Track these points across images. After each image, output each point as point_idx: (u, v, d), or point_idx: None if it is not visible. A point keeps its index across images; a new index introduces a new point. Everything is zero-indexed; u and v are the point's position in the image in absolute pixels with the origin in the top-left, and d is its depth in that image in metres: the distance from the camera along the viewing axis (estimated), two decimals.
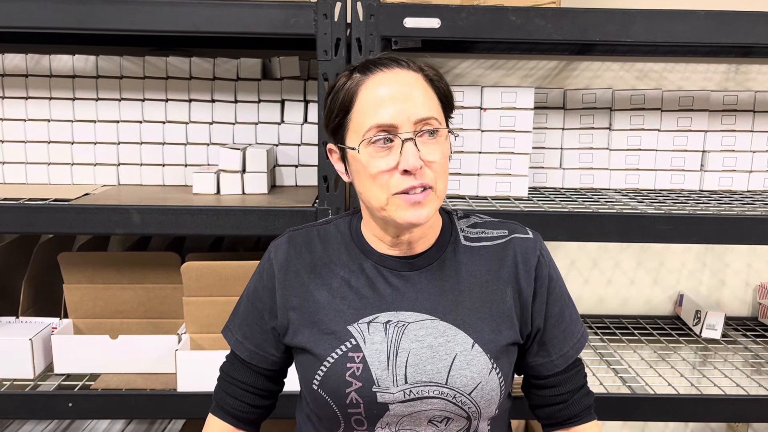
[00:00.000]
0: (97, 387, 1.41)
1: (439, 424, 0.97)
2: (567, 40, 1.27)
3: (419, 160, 0.91)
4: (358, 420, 0.97)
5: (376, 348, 0.96)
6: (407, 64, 0.96)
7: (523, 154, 1.49)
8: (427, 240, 1.01)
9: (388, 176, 0.92)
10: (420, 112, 0.92)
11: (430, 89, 0.96)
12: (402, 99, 0.93)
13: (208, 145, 1.58)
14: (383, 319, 0.98)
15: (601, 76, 1.85)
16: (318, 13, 1.24)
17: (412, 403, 0.95)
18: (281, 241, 1.07)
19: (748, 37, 1.28)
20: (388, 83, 0.94)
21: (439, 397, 0.95)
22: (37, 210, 1.30)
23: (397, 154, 0.92)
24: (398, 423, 0.97)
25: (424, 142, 0.93)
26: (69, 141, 1.56)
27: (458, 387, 0.95)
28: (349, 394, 0.95)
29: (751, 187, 1.66)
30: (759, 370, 1.61)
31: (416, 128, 0.92)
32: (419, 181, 0.92)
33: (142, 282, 1.50)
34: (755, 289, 1.99)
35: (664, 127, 1.64)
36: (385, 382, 0.95)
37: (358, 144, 0.94)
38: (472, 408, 0.97)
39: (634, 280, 1.98)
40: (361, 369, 0.95)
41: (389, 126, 0.92)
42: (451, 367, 0.95)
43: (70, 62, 1.55)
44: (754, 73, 1.85)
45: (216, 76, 1.57)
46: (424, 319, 0.98)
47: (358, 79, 0.96)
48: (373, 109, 0.93)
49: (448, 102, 0.99)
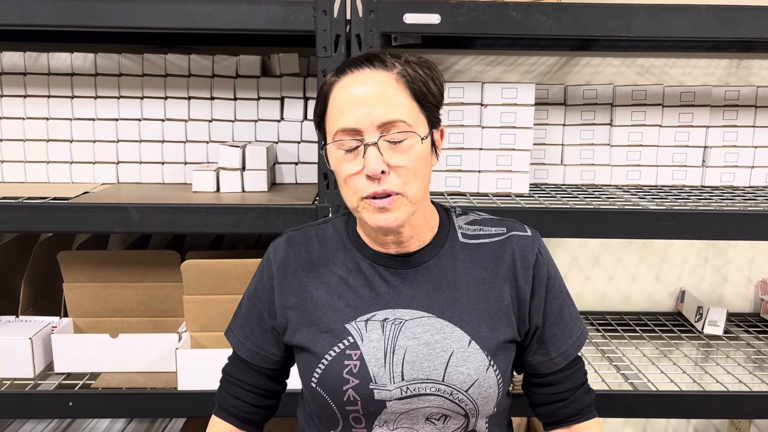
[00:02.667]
0: (97, 386, 1.41)
1: (437, 422, 0.97)
2: (568, 36, 1.26)
3: (381, 165, 0.91)
4: (356, 418, 0.97)
5: (373, 346, 0.96)
6: (382, 64, 0.94)
7: (524, 151, 1.49)
8: (421, 238, 1.01)
9: (357, 179, 0.93)
10: (384, 115, 0.91)
11: (402, 90, 0.93)
12: (366, 103, 0.92)
13: (207, 143, 1.58)
14: (380, 317, 0.98)
15: (602, 71, 1.84)
16: (317, 10, 1.23)
17: (409, 401, 0.95)
18: (280, 241, 1.07)
19: (750, 32, 1.27)
20: (356, 85, 0.93)
21: (436, 394, 0.95)
22: (36, 209, 1.30)
23: (362, 159, 0.92)
24: (396, 421, 0.96)
25: (389, 147, 0.92)
26: (68, 139, 1.56)
27: (455, 384, 0.95)
28: (346, 392, 0.95)
29: (753, 183, 1.65)
30: (761, 366, 1.61)
31: (381, 132, 0.92)
32: (382, 187, 0.91)
33: (142, 280, 1.49)
34: (757, 285, 1.98)
35: (666, 123, 1.63)
36: (382, 380, 0.95)
37: (326, 145, 0.96)
38: (470, 405, 0.96)
39: (636, 276, 1.97)
40: (359, 366, 0.95)
41: (352, 130, 0.92)
42: (447, 364, 0.95)
43: (69, 60, 1.54)
44: (756, 68, 1.85)
45: (215, 73, 1.56)
46: (421, 317, 0.98)
47: (331, 81, 0.96)
48: (339, 113, 0.93)
49: (427, 101, 0.96)
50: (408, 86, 0.94)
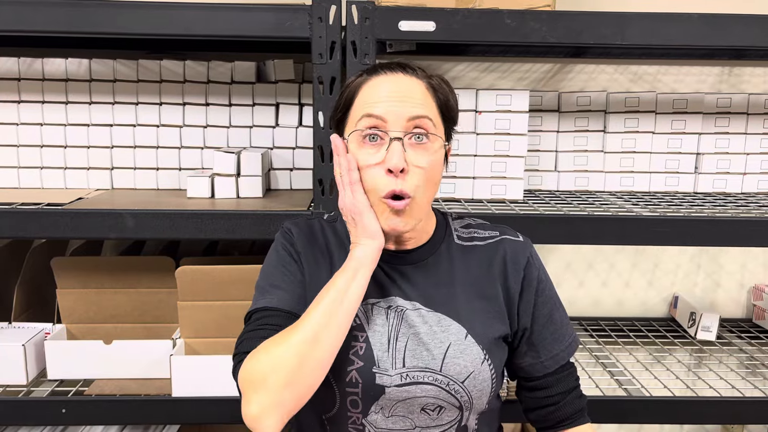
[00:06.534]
0: (90, 393, 1.40)
1: (432, 412, 0.98)
2: (562, 43, 1.27)
3: (403, 162, 0.92)
4: (354, 401, 0.98)
5: (378, 330, 0.99)
6: (413, 71, 0.98)
7: (519, 157, 1.49)
8: (418, 239, 1.04)
9: (375, 171, 0.94)
10: (413, 111, 0.94)
11: (430, 96, 0.98)
12: (396, 99, 0.95)
13: (202, 149, 1.58)
14: (385, 304, 1.01)
15: (595, 78, 1.85)
16: (313, 16, 1.23)
17: (407, 388, 0.97)
18: (288, 224, 1.08)
19: (742, 40, 1.29)
20: (388, 83, 0.97)
21: (433, 383, 0.97)
22: (30, 214, 1.29)
23: (384, 152, 0.93)
24: (392, 408, 0.98)
25: (412, 146, 0.94)
26: (62, 145, 1.55)
27: (452, 375, 0.97)
28: (350, 372, 0.97)
29: (744, 189, 1.67)
30: (754, 372, 1.61)
31: (407, 128, 0.94)
32: (399, 188, 0.93)
33: (136, 286, 1.49)
34: (749, 290, 1.99)
35: (659, 130, 1.64)
36: (385, 364, 0.97)
37: (349, 134, 0.97)
38: (465, 397, 0.98)
39: (629, 282, 1.98)
40: (364, 348, 0.98)
41: (378, 117, 0.94)
42: (445, 355, 0.97)
43: (63, 66, 1.54)
44: (747, 76, 1.86)
45: (210, 79, 1.56)
46: (421, 308, 1.00)
47: (361, 79, 0.99)
48: (367, 104, 0.96)
49: (449, 113, 1.00)
50: (434, 95, 0.98)
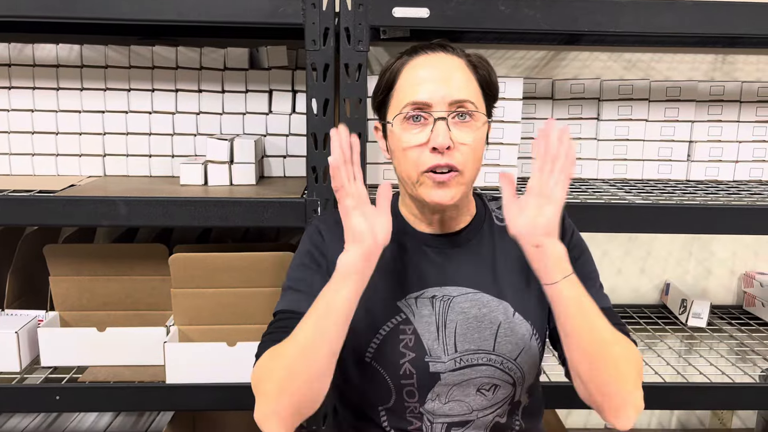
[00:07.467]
0: (84, 379, 1.40)
1: (487, 392, 1.00)
2: (556, 30, 1.27)
3: (448, 140, 0.94)
4: (410, 392, 1.00)
5: (425, 320, 1.00)
6: (453, 50, 0.99)
7: (512, 145, 1.49)
8: (462, 220, 1.05)
9: (419, 152, 0.95)
10: (456, 94, 0.95)
11: (471, 75, 0.98)
12: (440, 80, 0.96)
13: (195, 136, 1.57)
14: (429, 294, 1.02)
15: (589, 66, 1.85)
16: (306, 3, 1.22)
17: (462, 371, 0.99)
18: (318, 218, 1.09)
19: (735, 28, 1.29)
20: (430, 65, 0.98)
21: (488, 363, 0.99)
22: (22, 202, 1.29)
23: (429, 132, 0.95)
24: (448, 393, 1.00)
25: (456, 124, 0.96)
26: (53, 131, 1.54)
27: (504, 353, 1.00)
28: (403, 365, 0.98)
29: (736, 177, 1.67)
30: (744, 358, 1.63)
31: (450, 109, 0.95)
32: (446, 161, 0.94)
33: (129, 274, 1.49)
34: (740, 277, 2.01)
35: (652, 118, 1.64)
36: (437, 352, 0.99)
37: (393, 118, 0.98)
38: (518, 374, 1.01)
39: (622, 269, 1.99)
40: (413, 340, 0.99)
41: (423, 104, 0.95)
42: (496, 335, 1.00)
43: (54, 51, 1.52)
44: (740, 63, 1.86)
45: (203, 65, 1.55)
46: (467, 293, 1.02)
47: (402, 61, 1.00)
48: (412, 88, 0.97)
49: (490, 90, 1.01)
50: (475, 72, 0.99)
